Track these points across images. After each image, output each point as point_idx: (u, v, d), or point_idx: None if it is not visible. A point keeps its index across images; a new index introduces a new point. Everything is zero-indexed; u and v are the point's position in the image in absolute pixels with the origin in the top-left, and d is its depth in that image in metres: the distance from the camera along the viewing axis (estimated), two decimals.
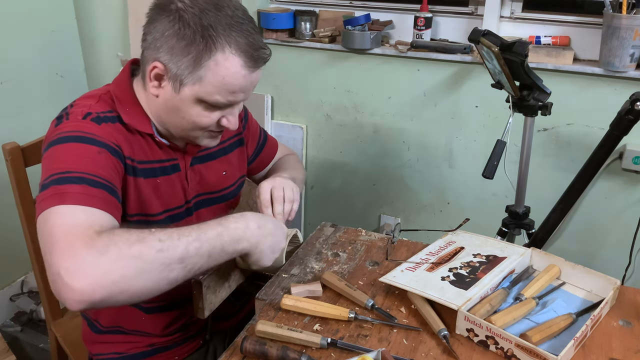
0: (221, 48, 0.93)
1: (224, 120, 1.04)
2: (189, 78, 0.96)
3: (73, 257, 0.78)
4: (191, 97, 0.98)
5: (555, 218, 1.52)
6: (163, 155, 1.09)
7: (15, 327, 2.25)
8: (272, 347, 0.91)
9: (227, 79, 0.96)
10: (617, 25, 1.61)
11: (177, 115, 1.01)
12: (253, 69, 0.98)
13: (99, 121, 0.99)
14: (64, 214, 0.84)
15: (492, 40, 1.37)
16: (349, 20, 1.98)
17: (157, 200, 1.08)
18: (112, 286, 0.78)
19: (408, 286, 1.05)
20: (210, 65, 0.94)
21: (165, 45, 0.95)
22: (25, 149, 1.36)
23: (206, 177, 1.17)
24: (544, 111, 1.43)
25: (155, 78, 0.99)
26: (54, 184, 0.88)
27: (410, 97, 2.03)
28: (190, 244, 0.85)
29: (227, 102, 1.00)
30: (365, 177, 2.23)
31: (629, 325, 1.00)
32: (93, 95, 1.05)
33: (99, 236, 0.80)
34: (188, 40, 0.93)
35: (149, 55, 0.98)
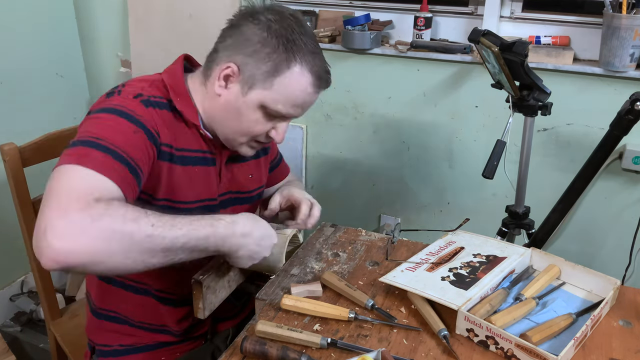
0: (300, 63, 1.02)
1: (272, 132, 1.10)
2: (261, 83, 1.02)
3: (64, 217, 0.78)
4: (255, 102, 1.04)
5: (555, 218, 1.52)
6: (204, 146, 1.12)
7: (15, 327, 2.25)
8: (272, 347, 0.91)
9: (295, 93, 1.04)
10: (617, 25, 1.61)
11: (234, 118, 1.06)
12: (318, 90, 1.07)
13: (147, 104, 1.02)
14: (76, 175, 0.85)
15: (492, 40, 1.37)
16: (349, 20, 1.98)
17: (190, 188, 1.10)
18: (92, 255, 0.78)
19: (408, 286, 1.05)
20: (286, 75, 1.02)
21: (247, 49, 1.02)
22: (23, 149, 1.36)
23: (237, 177, 1.21)
24: (544, 111, 1.43)
25: (224, 78, 1.04)
26: (81, 145, 0.89)
27: (410, 97, 2.03)
28: (178, 238, 0.86)
29: (286, 113, 1.06)
30: (365, 177, 2.23)
31: (629, 325, 1.00)
32: (146, 79, 1.09)
33: (96, 203, 0.80)
34: (272, 48, 1.01)
35: (223, 56, 1.05)
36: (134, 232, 0.81)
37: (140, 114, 0.99)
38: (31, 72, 2.26)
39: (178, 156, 1.07)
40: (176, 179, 1.07)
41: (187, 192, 1.10)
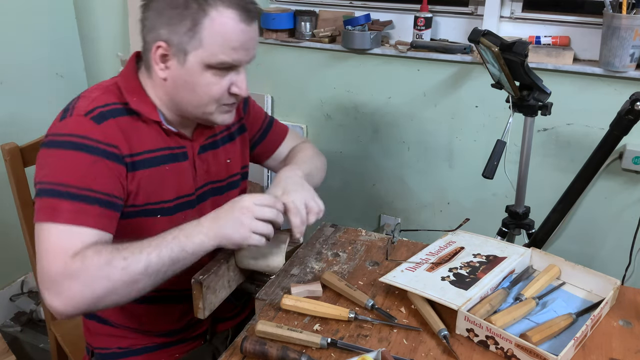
0: (214, 4, 0.97)
1: (233, 87, 1.06)
2: (191, 44, 0.99)
3: (50, 281, 0.91)
4: (198, 65, 1.01)
5: (555, 218, 1.52)
6: (171, 142, 1.11)
7: (15, 327, 2.25)
8: (272, 347, 0.91)
9: (226, 35, 0.99)
10: (617, 25, 1.61)
11: (189, 91, 1.04)
12: (248, 23, 1.01)
13: (100, 119, 1.01)
14: (51, 234, 0.94)
15: (492, 40, 1.37)
16: (349, 20, 1.98)
17: (167, 187, 1.10)
18: (86, 304, 0.92)
19: (408, 286, 1.05)
20: (207, 24, 0.98)
21: (162, 20, 1.00)
22: (24, 149, 1.36)
23: (213, 166, 1.19)
24: (544, 111, 1.43)
25: (161, 60, 1.03)
26: (49, 195, 0.95)
27: (410, 97, 2.03)
28: (150, 254, 0.94)
29: (232, 61, 1.02)
30: (365, 177, 2.23)
31: (629, 325, 1.00)
32: (100, 86, 1.09)
33: (73, 261, 0.91)
34: (182, 6, 0.98)
35: (150, 39, 1.04)
36: (109, 274, 0.91)
37: (94, 136, 0.99)
38: (31, 72, 2.26)
39: (146, 160, 1.06)
40: (149, 182, 1.07)
41: (163, 192, 1.10)
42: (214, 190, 1.21)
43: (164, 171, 1.09)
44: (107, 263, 0.91)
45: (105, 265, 0.91)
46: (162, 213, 1.10)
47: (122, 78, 1.10)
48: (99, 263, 0.91)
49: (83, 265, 0.91)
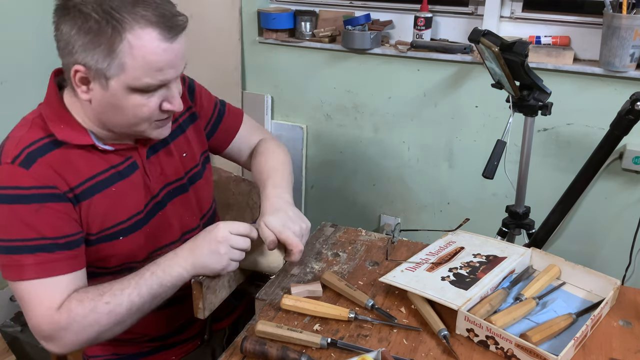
0: (129, 27, 0.89)
1: (165, 105, 0.98)
2: (111, 70, 0.91)
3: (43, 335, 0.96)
4: (122, 89, 0.93)
5: (556, 218, 1.52)
6: (114, 160, 1.05)
7: (15, 327, 2.25)
8: (272, 347, 0.91)
9: (147, 58, 0.91)
10: (617, 25, 1.61)
11: (116, 113, 0.97)
12: (171, 40, 0.92)
13: (29, 162, 0.95)
14: (27, 291, 0.95)
15: (492, 40, 1.37)
16: (349, 20, 1.98)
17: (118, 208, 1.05)
18: (81, 346, 0.97)
19: (408, 286, 1.05)
20: (125, 48, 0.89)
21: (77, 45, 0.91)
22: None
23: (167, 166, 1.13)
24: (544, 111, 1.43)
25: (82, 82, 0.95)
26: (7, 252, 0.94)
27: (410, 97, 2.03)
28: (131, 294, 0.96)
29: (159, 82, 0.94)
30: (365, 177, 2.23)
31: (629, 326, 1.00)
32: (25, 122, 1.02)
33: (59, 315, 0.94)
34: (94, 31, 0.89)
35: (67, 62, 0.95)
36: (96, 319, 0.94)
37: (27, 184, 0.94)
38: (32, 72, 2.26)
39: (87, 189, 1.01)
40: (98, 209, 1.02)
41: (117, 214, 1.05)
42: (177, 190, 1.15)
43: (110, 193, 1.04)
44: (91, 311, 0.94)
45: (90, 313, 0.94)
46: (122, 234, 1.06)
47: (45, 106, 1.03)
48: (84, 312, 0.94)
49: (69, 317, 0.94)
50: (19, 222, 0.94)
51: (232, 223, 1.01)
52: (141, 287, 0.96)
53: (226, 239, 0.98)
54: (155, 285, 0.97)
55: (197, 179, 1.19)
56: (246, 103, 2.30)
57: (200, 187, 1.20)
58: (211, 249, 0.98)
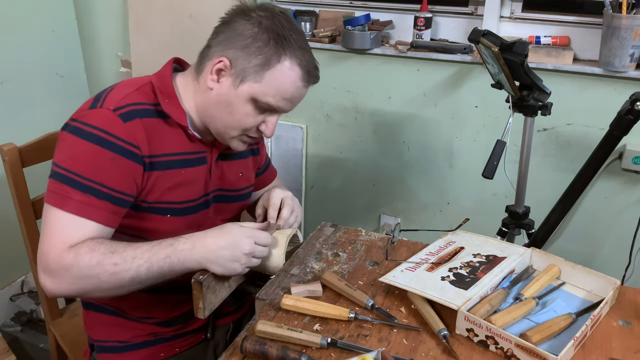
0: (289, 57, 1.05)
1: (262, 126, 1.11)
2: (252, 76, 1.05)
3: (46, 265, 0.99)
4: (246, 95, 1.06)
5: (555, 218, 1.52)
6: (192, 147, 1.15)
7: (15, 327, 2.25)
8: (272, 347, 0.91)
9: (285, 86, 1.06)
10: (617, 25, 1.61)
11: (226, 111, 1.09)
12: (307, 84, 1.10)
13: (128, 117, 1.04)
14: (57, 220, 0.99)
15: (492, 40, 1.37)
16: (349, 20, 1.98)
17: (179, 190, 1.13)
18: (73, 293, 1.01)
19: (408, 286, 1.05)
20: (277, 68, 1.05)
21: (239, 44, 1.05)
22: (22, 149, 1.37)
23: (227, 174, 1.23)
24: (543, 111, 1.43)
25: (217, 72, 1.07)
26: (63, 181, 0.99)
27: (410, 97, 2.03)
28: (141, 266, 0.99)
29: (276, 106, 1.08)
30: (365, 177, 2.23)
31: (629, 325, 1.00)
32: (134, 83, 1.11)
33: (67, 254, 0.97)
34: (263, 42, 1.04)
35: (216, 51, 1.08)
36: (98, 274, 0.97)
37: (118, 134, 1.02)
38: (32, 72, 2.26)
39: (164, 162, 1.10)
40: (163, 183, 1.10)
41: (175, 194, 1.13)
42: (223, 198, 1.24)
43: (179, 174, 1.12)
44: (97, 264, 0.97)
45: (95, 266, 0.97)
46: (171, 213, 1.13)
47: (157, 78, 1.13)
48: (89, 262, 0.97)
49: (75, 261, 0.97)
50: (92, 161, 1.01)
51: (258, 232, 1.07)
52: (152, 263, 0.99)
53: (251, 252, 1.04)
54: (165, 268, 1.00)
55: (243, 199, 1.31)
56: None
57: (239, 207, 1.31)
58: (234, 257, 1.03)
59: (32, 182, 1.39)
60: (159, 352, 1.23)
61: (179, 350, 1.25)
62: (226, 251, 1.02)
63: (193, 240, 1.03)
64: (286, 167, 2.32)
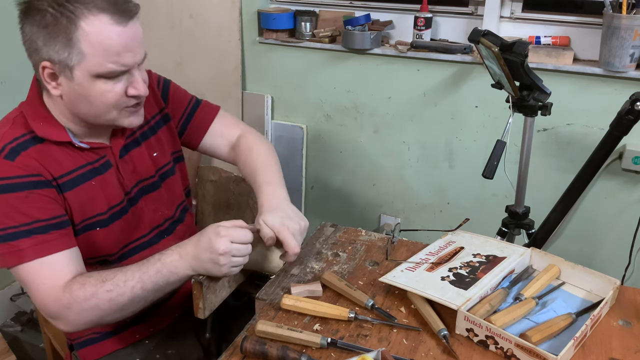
0: (82, 16, 0.95)
1: (130, 90, 1.03)
2: (72, 59, 0.97)
3: (49, 314, 1.02)
4: (86, 77, 0.99)
5: (555, 218, 1.52)
6: (90, 157, 1.11)
7: (15, 327, 2.25)
8: (272, 347, 0.91)
9: (103, 42, 0.96)
10: (617, 26, 1.61)
11: (85, 103, 1.03)
12: (124, 23, 0.98)
13: (13, 155, 1.02)
14: (28, 273, 1.00)
15: (492, 40, 1.37)
16: (349, 20, 1.98)
17: (97, 200, 1.12)
18: (86, 326, 1.03)
19: (408, 286, 1.05)
20: (81, 36, 0.95)
21: (39, 42, 0.98)
22: None
23: (139, 164, 1.19)
24: (543, 111, 1.43)
25: (51, 78, 1.01)
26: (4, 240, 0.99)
27: (410, 97, 2.03)
28: (134, 287, 1.00)
29: (120, 66, 1.00)
30: (365, 177, 2.23)
31: (629, 325, 1.00)
32: (7, 120, 1.09)
33: (63, 294, 0.99)
34: (51, 24, 0.96)
35: (35, 61, 1.02)
36: (98, 304, 0.99)
37: (14, 174, 1.00)
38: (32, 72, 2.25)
39: (69, 181, 1.07)
40: (79, 201, 1.09)
41: (95, 206, 1.11)
42: (147, 188, 1.22)
43: (90, 187, 1.10)
44: (92, 295, 0.99)
45: (91, 297, 0.99)
46: (100, 225, 1.13)
47: (27, 105, 1.10)
48: (84, 296, 0.99)
49: (71, 298, 0.99)
50: (11, 209, 0.99)
51: (233, 230, 1.01)
52: (145, 282, 1.01)
53: (227, 251, 1.00)
54: (160, 282, 1.02)
55: (168, 176, 1.26)
56: (246, 103, 2.30)
57: (172, 182, 1.27)
58: (212, 260, 1.01)
59: None
60: (134, 334, 1.25)
61: (153, 330, 1.26)
62: (204, 254, 1.01)
63: (178, 251, 1.03)
64: (286, 167, 2.32)
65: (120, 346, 1.24)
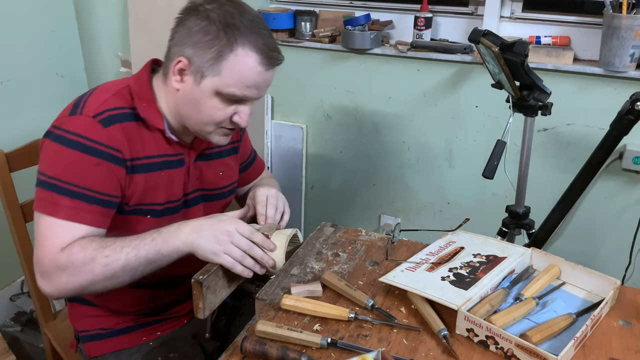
0: (242, 45, 1.04)
1: (235, 117, 1.11)
2: (210, 70, 1.05)
3: (42, 269, 1.02)
4: (210, 89, 1.07)
5: (555, 218, 1.52)
6: (170, 150, 1.17)
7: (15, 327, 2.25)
8: (272, 347, 0.91)
9: (243, 73, 1.06)
10: (617, 25, 1.61)
11: (195, 108, 1.10)
12: (267, 67, 1.08)
13: (108, 122, 1.06)
14: (49, 226, 1.02)
15: (492, 40, 1.37)
16: (349, 20, 1.98)
17: (159, 191, 1.15)
18: (71, 292, 1.03)
19: (408, 286, 1.05)
20: (230, 59, 1.04)
21: (191, 41, 1.06)
22: (10, 155, 1.39)
23: (205, 174, 1.25)
24: (544, 111, 1.43)
25: (179, 72, 1.09)
26: (50, 189, 1.02)
27: (410, 97, 2.03)
28: (129, 253, 1.01)
29: (242, 96, 1.08)
30: (365, 177, 2.23)
31: (629, 325, 1.00)
32: (112, 87, 1.13)
33: (61, 255, 1.00)
34: (213, 35, 1.04)
35: (174, 52, 1.09)
36: (92, 269, 1.00)
37: (100, 139, 1.05)
38: (32, 72, 2.26)
39: (145, 164, 1.12)
40: (144, 185, 1.12)
41: (156, 195, 1.15)
42: (204, 197, 1.27)
43: (159, 176, 1.15)
44: (91, 260, 1.00)
45: (89, 262, 1.00)
46: (152, 214, 1.15)
47: (135, 82, 1.14)
48: (83, 259, 1.00)
49: (68, 260, 1.00)
50: (76, 167, 1.03)
51: (241, 223, 1.07)
52: (140, 249, 1.02)
53: (230, 234, 1.04)
54: (153, 251, 1.02)
55: (224, 197, 1.33)
56: None
57: (223, 204, 1.34)
58: (214, 236, 1.03)
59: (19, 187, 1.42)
60: (141, 336, 1.26)
61: (160, 334, 1.28)
62: (207, 227, 1.03)
63: (178, 224, 1.06)
64: (286, 167, 2.32)
65: (125, 346, 1.25)
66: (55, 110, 1.09)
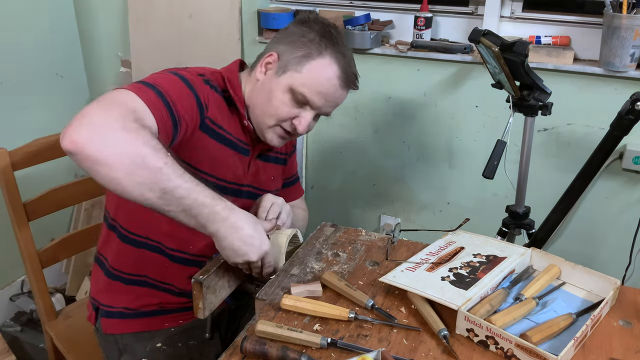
0: (330, 55, 1.17)
1: (296, 120, 1.20)
2: (293, 66, 1.17)
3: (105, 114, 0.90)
4: (285, 84, 1.17)
5: (556, 218, 1.52)
6: (243, 137, 1.25)
7: (15, 327, 2.25)
8: (272, 347, 0.91)
9: (320, 79, 1.17)
10: (617, 25, 1.61)
11: (266, 98, 1.19)
12: (342, 84, 1.20)
13: (207, 83, 1.18)
14: (128, 96, 0.97)
15: (492, 40, 1.37)
16: (349, 20, 1.98)
17: (226, 167, 1.23)
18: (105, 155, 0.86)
19: (408, 286, 1.05)
20: (315, 62, 1.16)
21: (288, 40, 1.19)
22: (13, 153, 1.39)
23: (261, 173, 1.33)
24: (544, 111, 1.43)
25: (265, 65, 1.21)
26: (142, 84, 1.04)
27: (410, 97, 2.03)
28: (179, 188, 0.91)
29: (310, 99, 1.18)
30: (365, 177, 2.23)
31: (629, 325, 1.00)
32: (207, 68, 1.24)
33: (133, 121, 0.91)
34: (309, 39, 1.18)
35: (268, 48, 1.23)
36: (146, 159, 0.88)
37: (198, 86, 1.14)
38: (32, 72, 2.26)
39: (219, 133, 1.19)
40: (216, 153, 1.19)
41: (224, 170, 1.22)
42: (252, 194, 1.31)
43: (223, 150, 1.21)
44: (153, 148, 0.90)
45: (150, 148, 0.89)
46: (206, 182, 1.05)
47: (227, 71, 1.25)
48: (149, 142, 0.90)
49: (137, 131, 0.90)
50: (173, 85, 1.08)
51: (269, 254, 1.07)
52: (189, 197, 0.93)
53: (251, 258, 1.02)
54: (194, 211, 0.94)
55: None
56: None
57: None
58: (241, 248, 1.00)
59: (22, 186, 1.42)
60: (163, 322, 1.29)
61: (182, 322, 1.30)
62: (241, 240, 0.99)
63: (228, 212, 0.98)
64: None
65: (146, 329, 1.27)
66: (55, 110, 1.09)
